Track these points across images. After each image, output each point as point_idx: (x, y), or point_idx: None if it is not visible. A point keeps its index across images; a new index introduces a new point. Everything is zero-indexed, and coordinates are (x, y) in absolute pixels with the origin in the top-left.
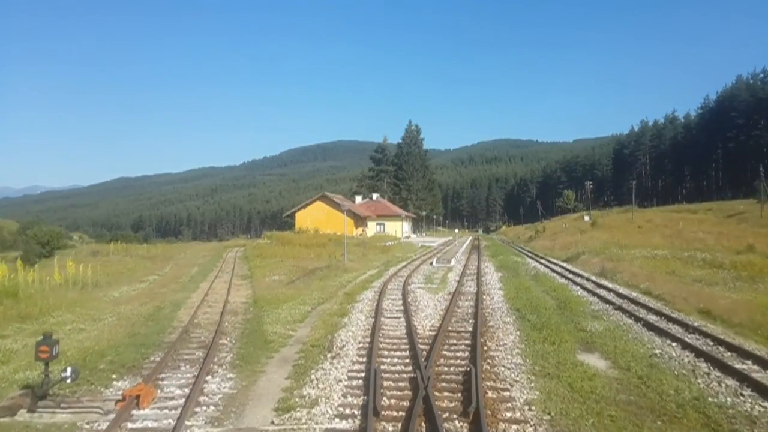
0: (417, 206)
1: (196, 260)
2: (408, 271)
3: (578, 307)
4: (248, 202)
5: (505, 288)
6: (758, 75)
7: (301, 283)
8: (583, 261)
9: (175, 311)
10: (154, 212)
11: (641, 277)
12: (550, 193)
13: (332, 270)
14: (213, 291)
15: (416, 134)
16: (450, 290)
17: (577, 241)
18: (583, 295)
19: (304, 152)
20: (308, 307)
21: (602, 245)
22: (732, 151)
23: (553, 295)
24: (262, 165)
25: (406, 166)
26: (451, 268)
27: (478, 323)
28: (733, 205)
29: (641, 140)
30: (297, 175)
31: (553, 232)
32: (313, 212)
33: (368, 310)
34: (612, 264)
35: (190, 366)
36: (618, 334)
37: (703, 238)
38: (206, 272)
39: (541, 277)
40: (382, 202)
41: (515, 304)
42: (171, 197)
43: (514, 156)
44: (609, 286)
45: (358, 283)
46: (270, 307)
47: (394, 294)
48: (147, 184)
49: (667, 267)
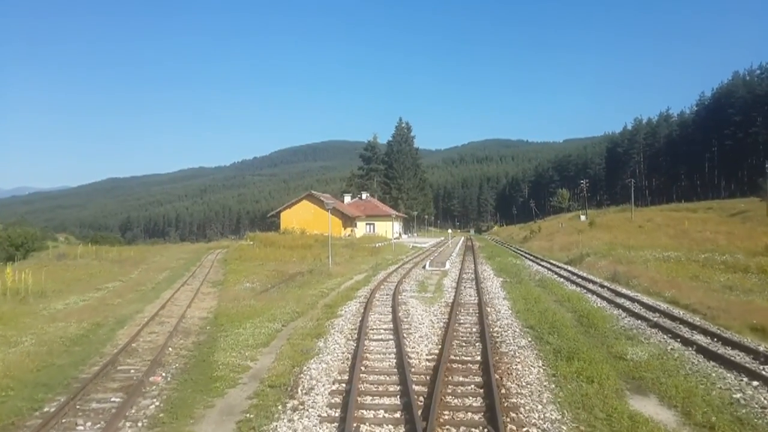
0: (408, 206)
1: (170, 264)
2: (399, 275)
3: (604, 324)
4: (238, 202)
5: (510, 297)
6: (755, 71)
7: (277, 292)
8: (589, 264)
9: (114, 331)
10: (142, 213)
11: (662, 284)
12: (543, 192)
13: (315, 275)
14: (173, 302)
15: (407, 132)
16: (447, 300)
17: (577, 242)
18: (603, 306)
19: (294, 152)
20: (278, 325)
21: (607, 246)
22: (729, 149)
23: (568, 307)
24: (252, 165)
25: (396, 164)
26: (446, 272)
27: (487, 349)
28: (734, 203)
29: (635, 138)
30: (287, 175)
31: (549, 232)
32: (299, 212)
33: (350, 329)
34: (623, 267)
35: (91, 424)
36: (670, 365)
37: (712, 238)
38: (175, 278)
39: (547, 283)
40: (372, 202)
41: (527, 319)
42: (160, 198)
43: (505, 156)
44: (629, 295)
45: (341, 292)
46: (232, 325)
47: (382, 306)
48: (136, 185)
49: (686, 271)
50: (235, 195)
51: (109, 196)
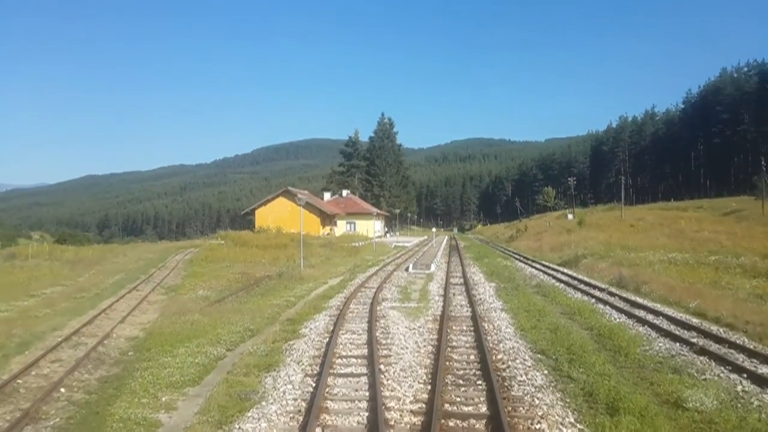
0: (390, 204)
1: (129, 265)
2: (379, 279)
3: (633, 347)
4: (218, 200)
5: (509, 308)
6: (743, 68)
7: (234, 301)
8: (588, 266)
9: (9, 358)
10: (120, 211)
11: (680, 291)
12: (527, 191)
13: (284, 280)
14: (107, 315)
15: (389, 128)
16: (435, 312)
17: (569, 242)
18: (623, 321)
19: (276, 150)
20: (221, 350)
21: (603, 247)
22: (716, 147)
23: (580, 322)
24: (234, 163)
25: (378, 161)
26: (432, 275)
27: (495, 395)
28: (724, 202)
29: (620, 136)
30: (269, 173)
31: (537, 232)
32: (275, 209)
33: (312, 356)
34: (628, 271)
35: None
36: (752, 422)
37: (712, 238)
38: (127, 282)
39: (547, 289)
40: (353, 199)
41: (536, 341)
42: (139, 195)
43: (488, 154)
44: (648, 305)
45: (310, 301)
46: (161, 350)
47: (356, 321)
48: (115, 182)
49: (699, 276)
50: (215, 193)
51: (88, 193)
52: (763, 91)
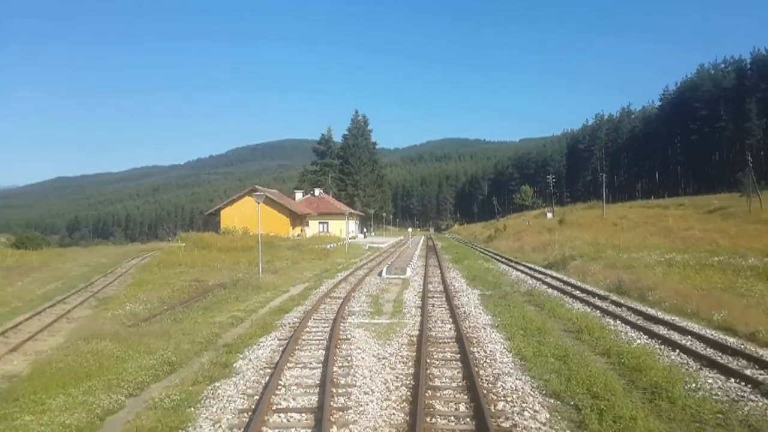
0: (365, 203)
1: (72, 271)
2: (347, 287)
3: (675, 387)
4: (191, 201)
5: (501, 325)
6: (719, 65)
7: (167, 319)
8: (578, 269)
9: None
10: (91, 213)
11: (696, 300)
12: (503, 190)
13: (238, 288)
14: (6, 337)
15: (364, 125)
16: (411, 332)
17: (552, 242)
18: (645, 343)
19: (251, 151)
20: (119, 397)
21: (591, 247)
22: (695, 144)
23: (591, 343)
24: (208, 164)
25: (352, 159)
26: (407, 281)
27: None
28: (707, 199)
29: (597, 134)
30: (243, 174)
31: (516, 231)
32: (241, 209)
33: (238, 410)
34: (628, 275)
35: None
36: None
37: (704, 237)
38: (58, 293)
39: (540, 297)
40: (326, 199)
41: (544, 377)
42: (110, 197)
43: (464, 154)
44: (665, 319)
45: (261, 318)
46: (35, 398)
47: (312, 346)
48: (86, 184)
49: (708, 280)
50: (188, 194)
51: (58, 195)
52: (741, 87)
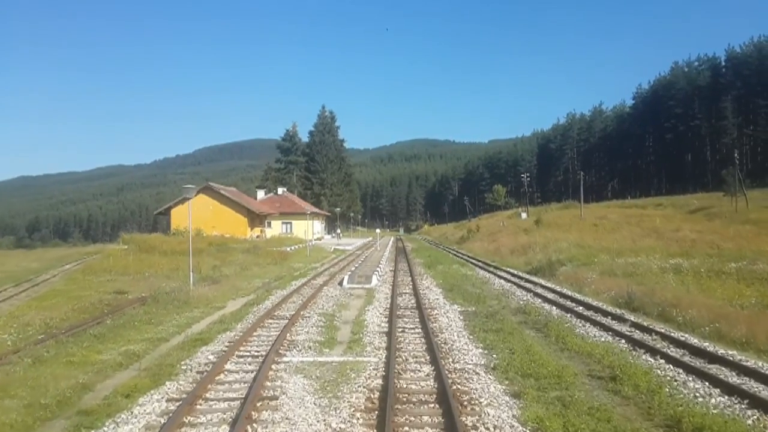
0: (332, 203)
1: None
2: (298, 301)
3: None
4: (156, 201)
5: (499, 368)
6: (693, 63)
7: (26, 358)
8: (570, 276)
9: None
10: (52, 213)
11: (742, 321)
12: (473, 190)
13: (159, 305)
14: None
15: (331, 121)
16: (371, 380)
17: (531, 243)
18: (723, 403)
19: (219, 150)
20: None
21: (580, 251)
22: (669, 142)
23: (642, 406)
24: (175, 163)
25: (319, 156)
26: (373, 292)
27: None
28: (686, 199)
29: (568, 134)
30: (211, 173)
31: (491, 232)
32: (194, 208)
33: None
34: (637, 286)
35: None
36: None
37: (699, 239)
38: None
39: (537, 317)
40: (289, 198)
41: None
42: (73, 197)
43: (434, 154)
44: (720, 354)
45: (167, 353)
46: None
47: (218, 409)
48: (49, 183)
49: (741, 293)
50: (154, 194)
51: (19, 195)
52: (716, 85)
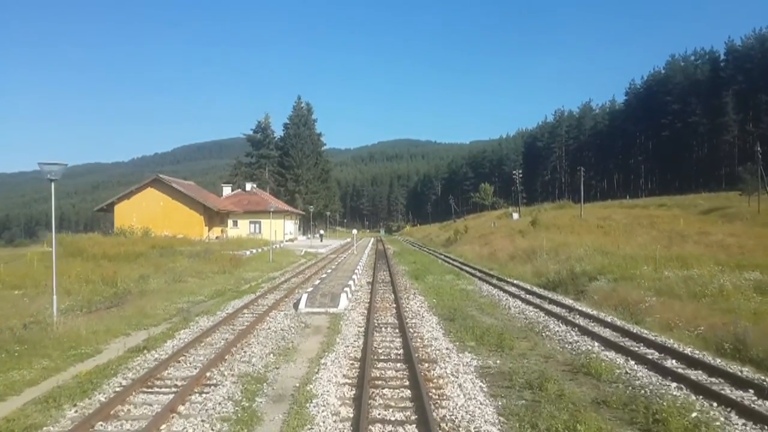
0: (307, 201)
1: None
2: (219, 344)
3: None
4: None
5: None
6: (690, 57)
7: None
8: (608, 296)
9: None
10: (23, 211)
11: None
12: (457, 190)
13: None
14: None
15: (307, 114)
16: None
17: (533, 248)
18: None
19: (198, 149)
20: None
21: (610, 261)
22: (665, 140)
23: None
24: (153, 161)
25: (293, 151)
26: (338, 322)
27: None
28: (691, 199)
29: (557, 131)
30: (189, 172)
31: (481, 234)
32: (141, 204)
33: None
34: (732, 319)
35: None
36: None
37: (744, 244)
38: None
39: (618, 386)
40: (258, 194)
41: None
42: (46, 195)
43: (416, 154)
44: None
45: None
46: None
47: None
48: (23, 181)
49: None
50: None
51: None
52: (716, 80)
